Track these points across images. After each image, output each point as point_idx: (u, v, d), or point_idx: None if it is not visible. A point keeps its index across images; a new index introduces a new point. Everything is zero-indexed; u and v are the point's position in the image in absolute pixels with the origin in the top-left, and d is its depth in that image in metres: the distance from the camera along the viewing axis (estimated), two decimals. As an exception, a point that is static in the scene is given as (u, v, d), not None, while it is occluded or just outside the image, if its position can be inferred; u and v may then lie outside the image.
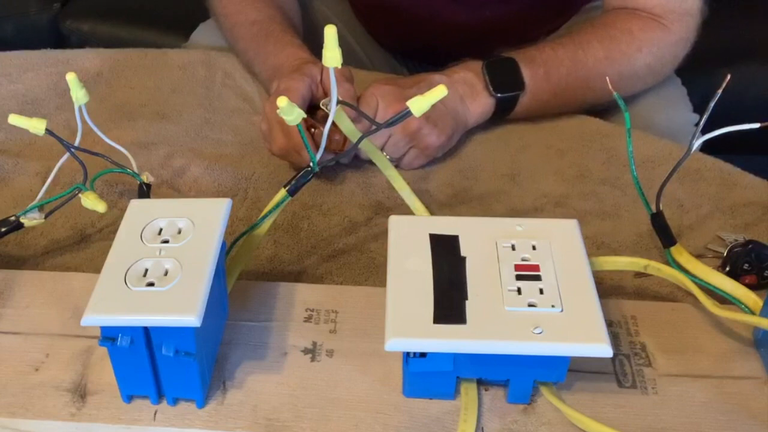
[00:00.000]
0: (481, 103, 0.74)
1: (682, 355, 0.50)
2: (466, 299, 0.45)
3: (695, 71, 0.86)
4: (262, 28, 0.81)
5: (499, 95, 0.74)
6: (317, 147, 0.51)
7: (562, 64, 0.76)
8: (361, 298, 0.54)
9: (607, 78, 0.54)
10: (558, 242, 0.49)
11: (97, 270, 0.46)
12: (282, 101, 0.48)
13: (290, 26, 0.82)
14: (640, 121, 0.81)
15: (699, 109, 0.88)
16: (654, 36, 0.79)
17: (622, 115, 0.52)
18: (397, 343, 0.43)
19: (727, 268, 0.58)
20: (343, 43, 0.47)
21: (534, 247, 0.48)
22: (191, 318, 0.42)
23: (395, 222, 0.51)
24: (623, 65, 0.78)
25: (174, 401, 0.47)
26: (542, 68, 0.76)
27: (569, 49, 0.77)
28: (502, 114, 0.76)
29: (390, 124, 0.49)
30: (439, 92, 0.47)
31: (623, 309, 0.54)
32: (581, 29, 0.80)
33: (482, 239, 0.49)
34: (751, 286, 0.54)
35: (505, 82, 0.75)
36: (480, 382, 0.48)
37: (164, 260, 0.46)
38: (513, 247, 0.48)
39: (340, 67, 0.47)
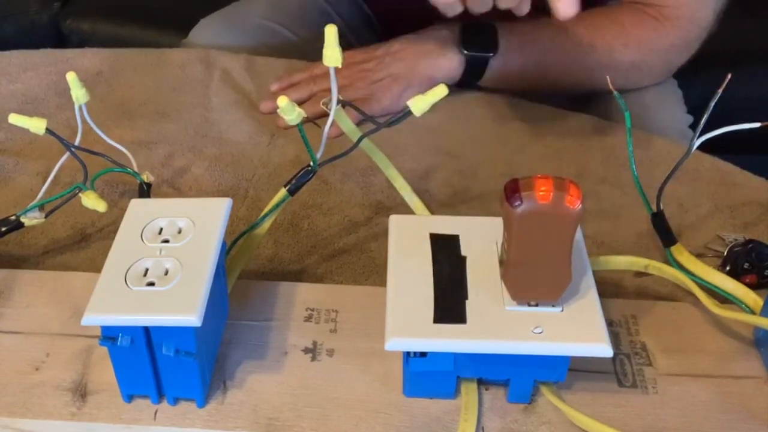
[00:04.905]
0: (449, 59, 0.74)
1: (683, 355, 0.50)
2: (467, 299, 0.45)
3: (694, 71, 0.85)
4: None
5: (468, 53, 0.74)
6: None
7: (539, 41, 0.76)
8: (362, 298, 0.54)
9: (608, 78, 0.54)
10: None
11: (98, 270, 0.46)
12: (282, 101, 0.48)
13: None
14: (632, 120, 0.81)
15: (698, 109, 0.88)
16: (646, 35, 0.78)
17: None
18: (398, 342, 0.43)
19: (728, 268, 0.58)
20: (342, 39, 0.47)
21: (534, 247, 0.48)
22: (191, 318, 0.42)
23: (395, 222, 0.51)
24: (604, 56, 0.77)
25: (174, 401, 0.47)
26: (518, 38, 0.75)
27: (553, 29, 0.77)
28: (473, 76, 0.76)
29: (390, 123, 0.49)
30: (439, 92, 0.48)
31: (623, 308, 0.54)
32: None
33: (482, 239, 0.49)
34: (751, 286, 0.54)
35: (477, 42, 0.75)
36: (480, 382, 0.48)
37: (164, 260, 0.46)
38: (513, 247, 0.48)
39: (340, 66, 0.47)
